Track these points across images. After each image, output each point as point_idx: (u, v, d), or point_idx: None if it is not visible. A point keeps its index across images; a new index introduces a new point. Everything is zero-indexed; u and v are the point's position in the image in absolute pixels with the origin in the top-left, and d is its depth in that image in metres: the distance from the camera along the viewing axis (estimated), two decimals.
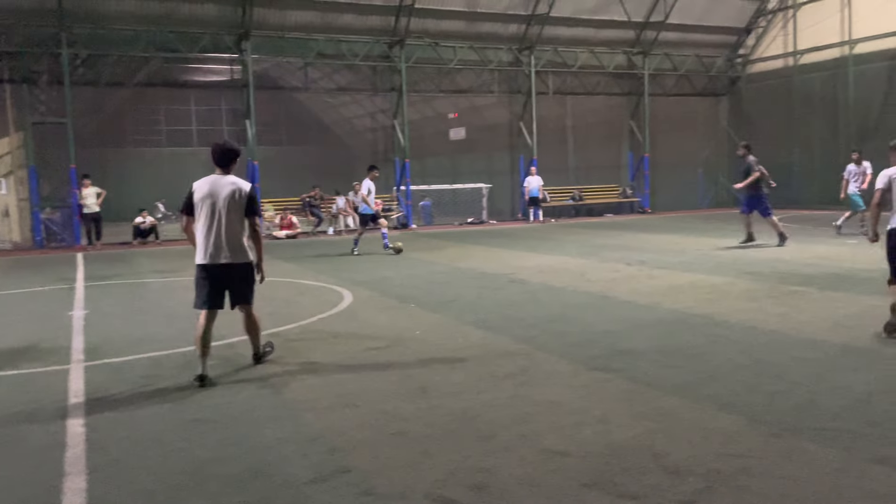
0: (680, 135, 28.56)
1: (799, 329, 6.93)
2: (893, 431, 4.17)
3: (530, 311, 8.42)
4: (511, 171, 26.74)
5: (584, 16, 25.56)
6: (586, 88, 27.38)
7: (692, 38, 27.89)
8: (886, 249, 6.61)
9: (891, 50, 23.26)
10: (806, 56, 26.22)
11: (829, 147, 25.58)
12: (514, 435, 4.39)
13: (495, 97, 26.59)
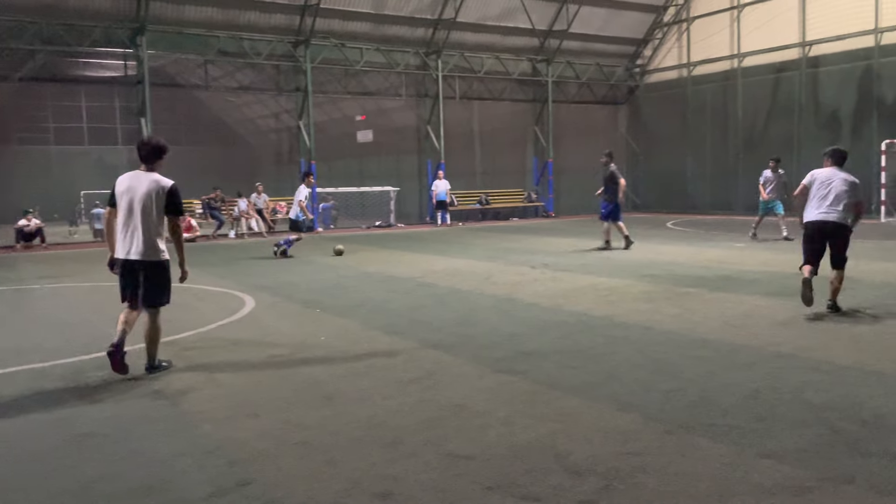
0: (582, 141, 29.41)
1: (692, 329, 7.24)
2: (778, 426, 4.40)
3: (438, 314, 8.44)
4: (419, 174, 26.83)
5: (490, 22, 25.96)
6: (492, 94, 27.81)
7: (593, 48, 28.83)
8: (803, 237, 8.05)
9: (775, 64, 24.77)
10: (699, 68, 27.56)
11: (719, 154, 26.99)
12: (419, 440, 4.36)
13: (403, 100, 26.62)
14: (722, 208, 26.50)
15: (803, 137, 23.77)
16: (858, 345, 6.38)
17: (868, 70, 22.16)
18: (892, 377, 5.34)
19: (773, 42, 24.63)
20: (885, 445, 4.02)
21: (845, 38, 22.55)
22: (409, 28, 25.03)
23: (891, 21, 21.30)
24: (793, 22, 24.09)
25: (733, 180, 26.32)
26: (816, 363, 5.78)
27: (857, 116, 22.59)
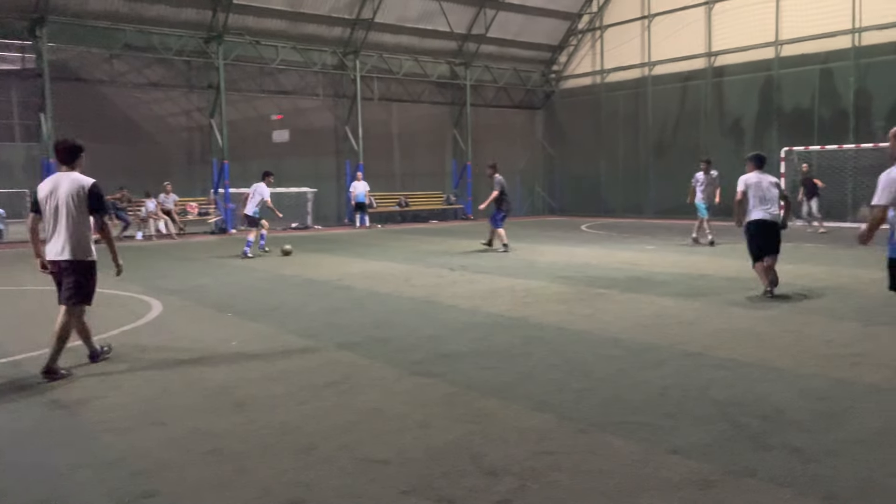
0: (500, 145, 29.80)
1: (604, 329, 7.41)
2: (685, 423, 4.54)
3: (355, 317, 8.33)
4: (337, 175, 26.53)
5: (409, 24, 25.97)
6: (411, 96, 27.82)
7: (510, 53, 29.26)
8: (749, 237, 9.10)
9: (683, 73, 25.77)
10: (611, 75, 28.37)
11: (631, 159, 27.86)
12: (334, 446, 4.28)
13: (320, 100, 26.27)
14: (634, 212, 27.36)
15: (709, 144, 24.81)
16: (760, 343, 6.67)
17: (769, 80, 23.35)
18: (791, 373, 5.60)
19: (681, 52, 25.62)
20: (784, 439, 4.21)
21: (748, 50, 23.68)
22: (327, 27, 24.73)
23: (790, 34, 22.52)
24: (699, 33, 25.12)
25: (644, 184, 27.22)
26: (721, 361, 6.01)
27: (758, 124, 23.75)
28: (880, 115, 20.64)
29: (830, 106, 21.89)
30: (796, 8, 22.30)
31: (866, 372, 5.58)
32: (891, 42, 20.29)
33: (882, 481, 3.60)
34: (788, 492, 3.52)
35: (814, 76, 22.18)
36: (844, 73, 21.34)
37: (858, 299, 8.78)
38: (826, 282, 10.19)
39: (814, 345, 6.51)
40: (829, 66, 21.82)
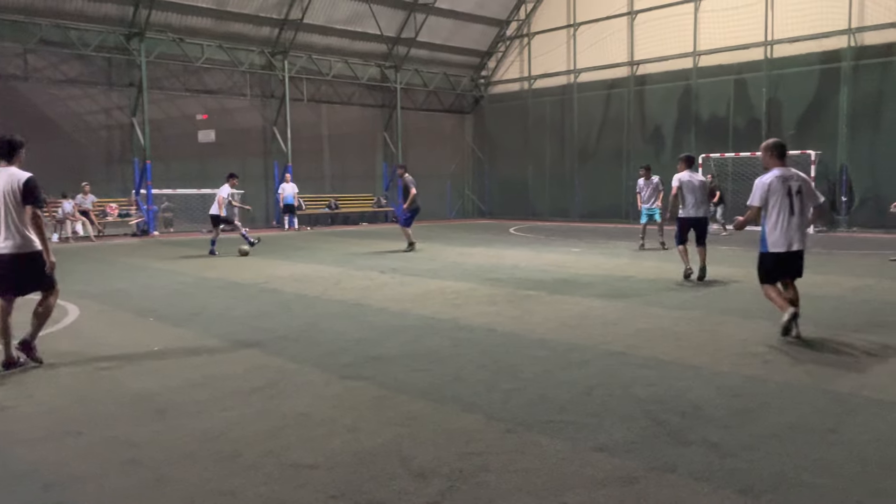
0: (430, 148, 29.92)
1: (532, 330, 7.52)
2: (610, 420, 4.66)
3: (283, 321, 8.20)
4: (265, 177, 26.05)
5: (339, 25, 25.78)
6: (341, 98, 27.61)
7: (440, 57, 29.41)
8: (680, 227, 10.83)
9: (607, 80, 26.45)
10: (539, 81, 28.86)
11: (557, 164, 28.40)
12: (260, 452, 4.20)
13: (248, 100, 25.76)
14: (560, 215, 27.89)
15: (631, 150, 25.54)
16: (679, 342, 6.90)
17: (687, 89, 24.21)
18: (708, 371, 5.82)
19: (605, 60, 26.29)
20: (703, 434, 4.37)
21: (668, 60, 24.50)
22: (254, 26, 24.29)
23: (707, 45, 23.41)
24: (622, 42, 25.84)
25: (570, 188, 27.78)
26: (644, 360, 6.19)
27: (678, 131, 24.58)
28: (790, 125, 21.68)
29: (744, 115, 22.86)
30: (713, 20, 23.21)
31: (778, 369, 5.84)
32: (800, 55, 21.35)
33: (794, 474, 3.77)
34: (707, 486, 3.65)
35: (729, 86, 23.11)
36: (757, 83, 22.32)
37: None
38: (740, 283, 10.63)
39: (729, 343, 6.78)
40: (743, 77, 22.78)
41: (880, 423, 4.51)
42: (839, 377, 5.58)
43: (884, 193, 19.77)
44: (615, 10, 25.84)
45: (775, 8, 21.77)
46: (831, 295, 9.46)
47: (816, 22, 20.78)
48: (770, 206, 6.93)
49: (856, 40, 20.22)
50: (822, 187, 20.40)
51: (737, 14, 22.54)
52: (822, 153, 20.28)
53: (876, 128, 20.00)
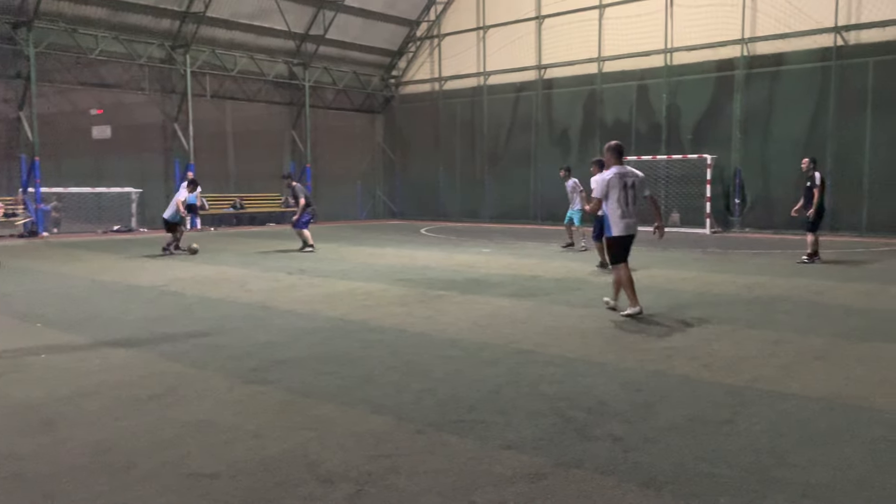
0: (340, 148, 29.56)
1: (443, 330, 7.52)
2: (518, 418, 4.69)
3: (184, 324, 7.87)
4: (165, 175, 25.03)
5: (243, 20, 25.10)
6: (247, 95, 26.88)
7: (350, 56, 29.11)
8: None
9: (516, 83, 26.87)
10: (449, 83, 29.02)
11: (468, 166, 28.63)
12: (157, 462, 3.99)
13: (147, 95, 24.68)
14: (471, 216, 28.13)
15: (539, 152, 26.05)
16: (585, 339, 7.05)
17: (593, 94, 24.90)
18: (612, 367, 5.96)
19: (514, 63, 26.70)
20: (607, 429, 4.46)
21: (574, 64, 25.13)
22: (153, 18, 23.31)
23: (611, 51, 24.14)
24: (530, 46, 26.32)
25: (480, 190, 28.07)
26: (551, 357, 6.28)
27: (584, 134, 25.25)
28: (688, 129, 22.65)
29: (646, 119, 23.72)
30: (616, 27, 23.97)
31: (678, 364, 6.05)
32: (697, 62, 22.34)
33: (693, 465, 3.90)
34: (611, 479, 3.72)
35: (632, 91, 23.93)
36: (658, 89, 23.21)
37: (671, 296, 9.54)
38: (641, 281, 10.98)
39: (632, 340, 6.98)
40: (645, 83, 23.64)
41: (772, 414, 4.73)
42: (734, 371, 5.83)
43: (773, 196, 20.96)
44: (523, 15, 26.28)
45: (674, 17, 22.70)
46: (727, 292, 9.91)
47: (712, 31, 21.80)
48: (612, 199, 8.16)
49: (748, 50, 21.33)
50: (717, 190, 21.44)
51: (639, 21, 23.36)
52: (717, 157, 21.28)
53: (767, 133, 21.16)
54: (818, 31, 19.97)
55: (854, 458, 3.96)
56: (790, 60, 20.68)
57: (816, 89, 20.21)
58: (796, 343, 6.78)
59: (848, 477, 3.71)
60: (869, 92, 19.33)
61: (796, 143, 20.35)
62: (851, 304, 8.92)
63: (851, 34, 19.67)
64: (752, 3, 21.21)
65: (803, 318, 8.01)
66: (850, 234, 19.08)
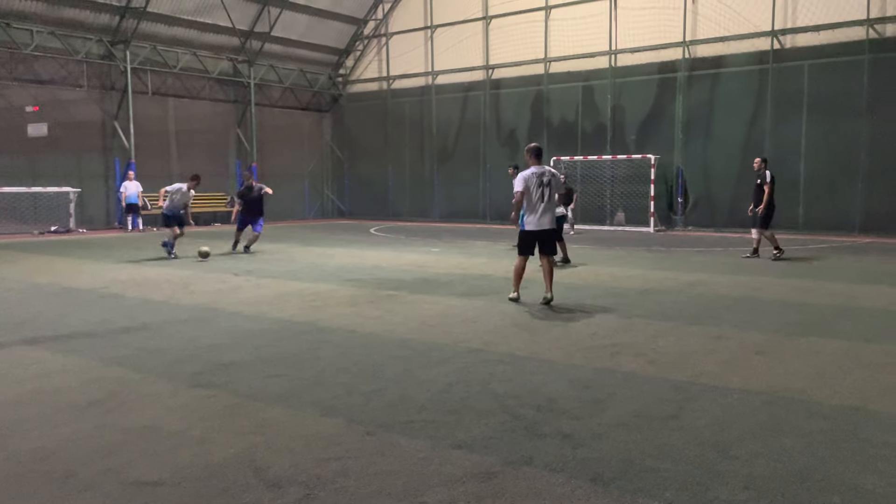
0: (287, 147, 29.18)
1: (392, 330, 7.48)
2: (468, 417, 4.70)
3: (125, 328, 7.65)
4: (105, 175, 24.31)
5: (186, 16, 24.56)
6: (190, 92, 26.30)
7: (297, 53, 28.76)
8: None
9: (464, 83, 26.94)
10: (397, 82, 28.93)
11: (417, 165, 28.60)
12: (97, 470, 3.86)
13: (85, 92, 23.92)
14: (420, 215, 28.11)
15: (488, 152, 26.19)
16: (534, 337, 7.11)
17: (539, 94, 25.15)
18: (562, 365, 6.03)
19: (462, 63, 26.78)
20: (556, 426, 4.50)
21: (521, 65, 25.34)
22: (92, 13, 22.61)
23: (557, 52, 24.42)
24: (478, 46, 26.43)
25: (430, 189, 28.07)
26: (501, 356, 6.32)
27: (531, 134, 25.44)
28: (632, 130, 23.08)
29: (591, 120, 24.07)
30: (562, 29, 24.26)
31: (625, 361, 6.16)
32: (641, 64, 22.77)
33: (639, 460, 3.96)
34: (561, 476, 3.75)
35: (577, 92, 24.25)
36: (603, 90, 23.58)
37: (616, 294, 9.70)
38: (589, 279, 11.15)
39: (580, 337, 7.07)
40: (590, 84, 23.98)
41: (716, 408, 4.85)
42: (679, 366, 5.95)
43: (715, 195, 21.52)
44: (471, 15, 26.37)
45: (618, 20, 23.08)
46: (670, 289, 10.13)
47: (655, 34, 22.25)
48: (529, 195, 8.71)
49: (690, 52, 21.84)
50: (661, 189, 21.91)
51: (584, 23, 23.68)
52: (660, 157, 21.74)
53: (707, 134, 21.70)
54: (756, 34, 20.58)
55: (794, 450, 4.09)
56: (729, 63, 21.27)
57: (755, 91, 20.83)
58: (737, 338, 6.96)
59: (788, 469, 3.82)
60: (804, 94, 20.01)
61: (736, 144, 20.95)
62: (789, 299, 9.21)
63: (787, 38, 20.34)
64: (693, 7, 21.73)
65: (744, 314, 8.24)
66: (786, 231, 19.69)
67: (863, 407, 4.84)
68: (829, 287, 10.22)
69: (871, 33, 18.96)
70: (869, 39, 18.95)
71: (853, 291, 9.80)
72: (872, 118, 18.93)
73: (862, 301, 9.03)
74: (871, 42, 18.94)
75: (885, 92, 18.69)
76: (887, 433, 4.33)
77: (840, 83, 19.40)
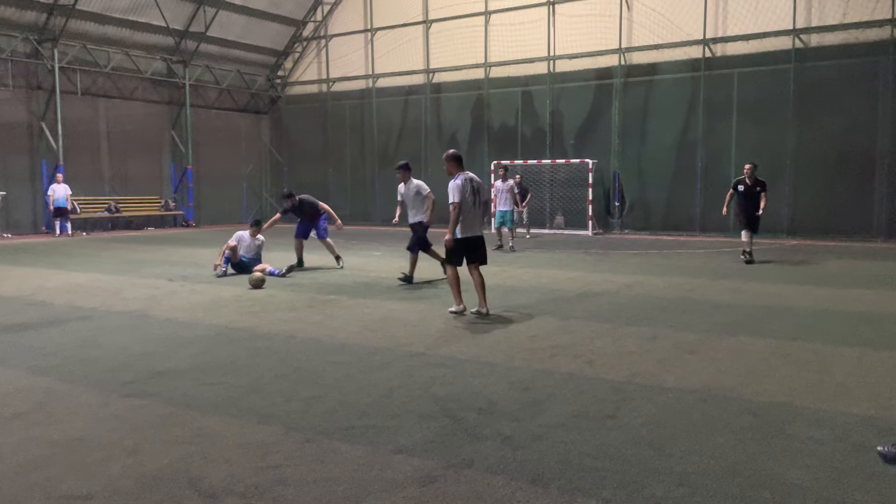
0: (224, 149, 28.59)
1: (333, 335, 7.41)
2: (409, 421, 4.68)
3: (52, 337, 7.37)
4: (32, 177, 23.34)
5: (117, 14, 23.82)
6: (122, 93, 25.51)
7: (233, 54, 28.23)
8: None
9: (405, 87, 26.91)
10: (337, 84, 28.69)
11: (358, 168, 28.42)
12: (23, 485, 3.70)
13: (10, 91, 22.93)
14: (361, 219, 27.92)
15: (429, 155, 26.21)
16: (475, 340, 7.15)
17: (480, 99, 25.31)
18: (502, 367, 6.07)
19: (403, 66, 26.74)
20: (497, 429, 4.53)
21: (462, 69, 25.47)
22: (17, 10, 21.71)
23: (497, 58, 24.64)
24: (419, 50, 26.45)
25: (371, 192, 27.92)
26: (442, 359, 6.32)
27: (472, 138, 25.62)
28: (571, 135, 23.45)
29: (531, 124, 24.36)
30: (502, 34, 24.48)
31: (563, 362, 6.24)
32: (578, 70, 23.17)
33: (578, 460, 4.02)
34: (501, 478, 3.78)
35: (517, 97, 24.51)
36: (542, 95, 23.89)
37: (556, 295, 9.84)
38: (529, 282, 11.28)
39: (520, 340, 7.14)
40: (529, 89, 24.26)
41: (651, 407, 4.96)
42: (616, 367, 6.07)
43: (649, 199, 22.04)
44: (411, 18, 26.36)
45: (557, 26, 23.44)
46: (607, 291, 10.32)
47: (592, 41, 22.67)
48: (464, 204, 8.43)
49: (625, 59, 22.33)
50: (598, 193, 22.33)
51: (523, 29, 23.96)
52: (597, 161, 22.15)
53: (643, 139, 22.21)
54: (689, 42, 21.18)
55: (725, 446, 4.21)
56: (663, 70, 21.83)
57: (687, 98, 21.43)
58: (671, 338, 7.14)
59: (720, 465, 3.94)
60: (734, 101, 20.70)
61: (670, 149, 21.52)
62: (720, 300, 9.50)
63: (718, 46, 21.00)
64: (629, 15, 22.24)
65: (678, 315, 8.46)
66: (716, 234, 20.34)
67: (790, 403, 5.03)
68: (758, 288, 10.58)
69: (796, 43, 19.75)
70: (795, 49, 19.74)
71: (781, 292, 10.17)
72: (798, 124, 19.72)
73: (789, 301, 9.38)
74: (797, 51, 19.73)
75: (810, 99, 19.49)
76: (812, 428, 4.51)
77: (768, 90, 20.14)
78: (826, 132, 19.32)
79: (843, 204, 19.09)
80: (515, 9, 24.05)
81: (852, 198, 18.99)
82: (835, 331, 7.49)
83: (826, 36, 19.49)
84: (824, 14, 19.47)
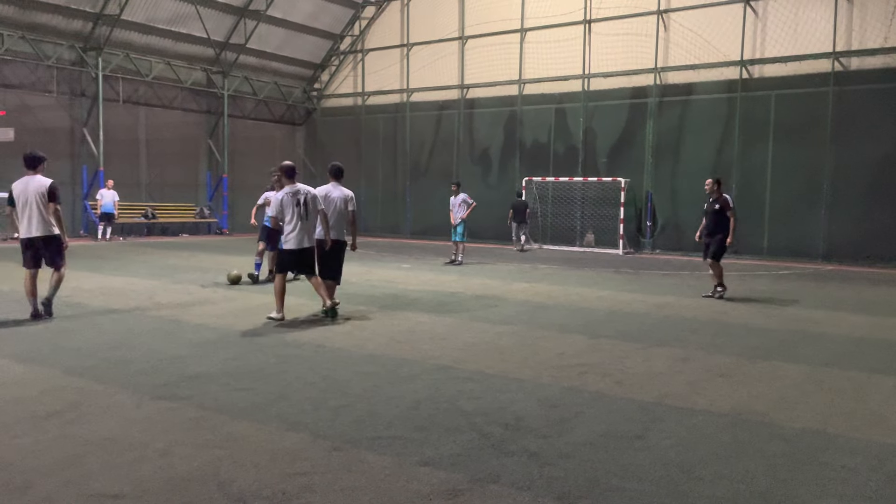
0: (259, 159, 28.97)
1: (361, 345, 7.45)
2: (436, 434, 4.69)
3: (88, 338, 7.51)
4: (73, 182, 23.92)
5: (161, 25, 24.38)
6: (162, 101, 26.06)
7: (272, 66, 28.68)
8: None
9: (439, 101, 27.08)
10: (372, 98, 28.98)
11: (390, 181, 28.60)
12: (57, 482, 3.78)
13: (54, 98, 23.58)
14: (392, 231, 28.08)
15: (461, 170, 26.30)
16: (503, 355, 7.13)
17: (513, 115, 25.37)
18: (530, 383, 6.05)
19: (437, 81, 26.94)
20: (524, 445, 4.51)
21: (496, 86, 25.57)
22: (64, 18, 22.34)
23: (532, 75, 24.69)
24: (454, 66, 26.62)
25: (402, 205, 28.08)
26: (470, 373, 6.32)
27: (504, 154, 25.66)
28: (603, 153, 23.37)
29: (563, 142, 24.33)
30: (537, 52, 24.54)
31: (592, 380, 6.20)
32: (613, 89, 23.12)
33: (605, 479, 3.99)
34: (527, 495, 3.76)
35: (550, 114, 24.51)
36: (575, 113, 23.87)
37: (585, 314, 9.78)
38: (558, 299, 11.22)
39: (548, 357, 7.10)
40: (563, 107, 24.26)
41: (681, 430, 4.90)
42: (645, 387, 6.01)
43: (682, 219, 21.83)
44: (447, 34, 26.57)
45: (592, 45, 23.44)
46: (637, 311, 10.23)
47: (628, 60, 22.62)
48: (287, 216, 8.83)
49: (661, 79, 22.24)
50: (630, 212, 22.19)
51: (558, 47, 23.99)
52: (630, 180, 22.03)
53: (676, 159, 22.06)
54: (725, 63, 21.03)
55: (756, 471, 4.15)
56: (699, 90, 21.68)
57: (723, 119, 21.24)
58: (702, 361, 7.05)
59: (750, 490, 3.88)
60: (771, 123, 20.47)
61: (704, 170, 21.27)
62: (753, 324, 9.36)
63: (755, 68, 20.81)
64: (665, 35, 22.16)
65: (709, 337, 8.35)
66: (751, 257, 20.07)
67: (823, 430, 4.94)
68: (792, 312, 10.41)
69: (836, 66, 19.50)
70: (834, 72, 19.49)
71: (815, 317, 10.00)
72: (836, 148, 19.43)
73: (823, 327, 9.21)
74: (837, 74, 19.47)
75: (849, 123, 19.20)
76: (846, 457, 4.42)
77: (805, 113, 19.88)
78: (864, 156, 19.01)
79: (880, 230, 18.72)
80: (551, 27, 24.11)
81: (890, 224, 18.62)
82: (870, 359, 7.34)
83: (866, 59, 19.21)
84: (864, 38, 19.20)
